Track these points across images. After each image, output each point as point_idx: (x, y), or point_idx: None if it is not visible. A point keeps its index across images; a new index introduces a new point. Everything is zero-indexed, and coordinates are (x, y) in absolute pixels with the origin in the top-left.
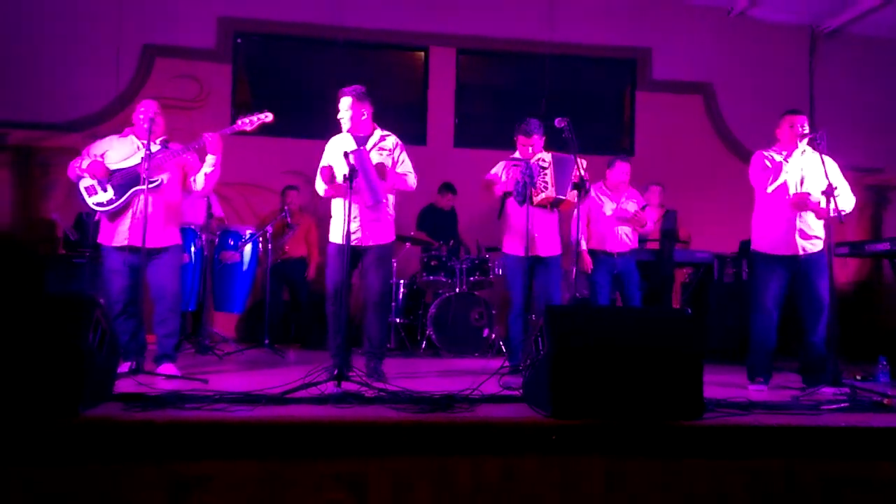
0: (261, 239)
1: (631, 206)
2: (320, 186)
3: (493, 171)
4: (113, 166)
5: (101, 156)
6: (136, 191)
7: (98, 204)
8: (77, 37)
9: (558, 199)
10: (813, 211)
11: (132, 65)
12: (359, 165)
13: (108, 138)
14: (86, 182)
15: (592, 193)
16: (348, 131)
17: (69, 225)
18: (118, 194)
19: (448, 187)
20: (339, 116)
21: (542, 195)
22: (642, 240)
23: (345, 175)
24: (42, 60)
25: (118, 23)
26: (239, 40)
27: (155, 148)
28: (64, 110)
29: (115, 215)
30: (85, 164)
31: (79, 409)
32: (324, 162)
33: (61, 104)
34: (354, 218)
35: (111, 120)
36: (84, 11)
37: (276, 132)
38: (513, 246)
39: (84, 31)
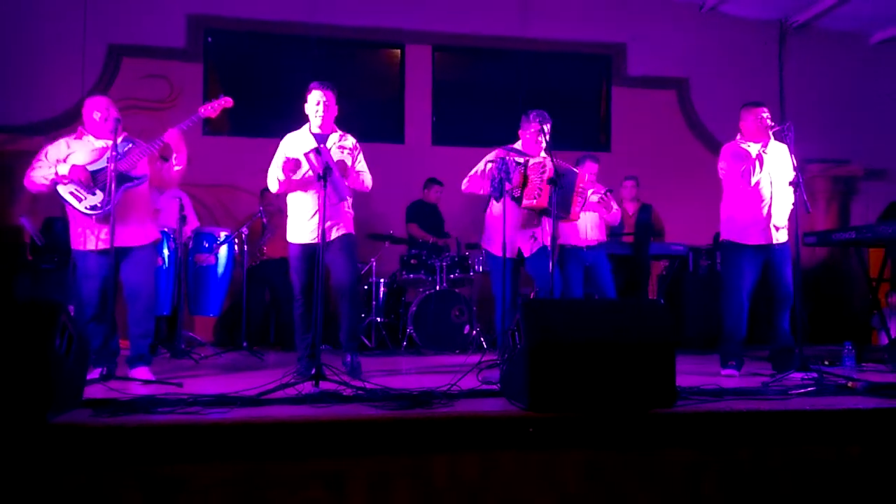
0: (237, 241)
1: (594, 198)
2: (276, 180)
3: (479, 165)
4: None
5: (65, 159)
6: (125, 188)
7: (92, 207)
8: (41, 37)
9: (551, 214)
10: None
11: (98, 65)
12: (323, 164)
13: (61, 141)
14: (68, 188)
15: None
16: (318, 127)
17: (37, 230)
18: (108, 195)
19: (434, 181)
20: (310, 110)
21: (533, 201)
22: (615, 234)
23: (318, 174)
24: (5, 62)
25: (83, 22)
26: (210, 39)
27: (124, 145)
28: (28, 113)
29: (104, 218)
30: (63, 169)
31: (47, 417)
32: (281, 155)
33: (25, 106)
34: (314, 215)
35: (77, 122)
36: (47, 11)
37: (250, 132)
38: (495, 245)
39: (48, 32)
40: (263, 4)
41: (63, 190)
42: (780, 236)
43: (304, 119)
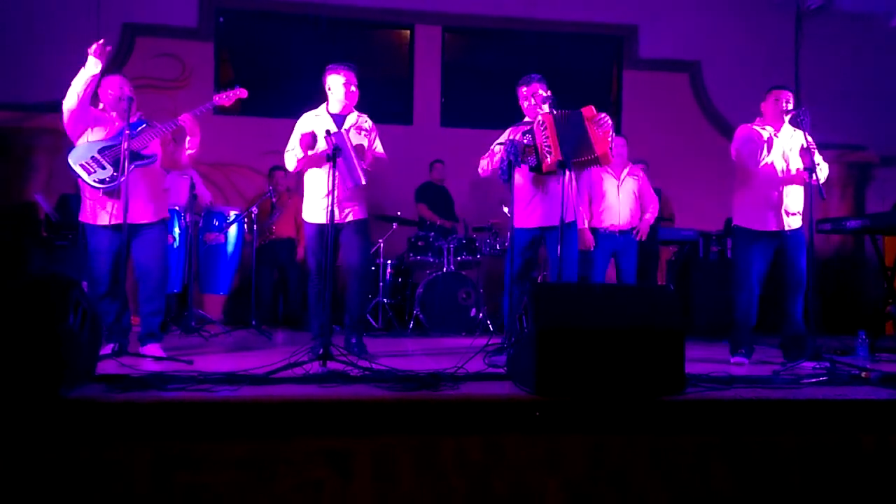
0: (246, 220)
1: (631, 185)
2: (293, 157)
3: (494, 145)
4: (96, 142)
5: (92, 122)
6: (136, 166)
7: (100, 181)
8: (56, 16)
9: (569, 161)
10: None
11: (112, 44)
12: (340, 146)
13: (81, 72)
14: (80, 159)
15: (592, 172)
16: (340, 110)
17: (51, 207)
18: (118, 170)
19: (435, 161)
20: (336, 91)
21: (548, 157)
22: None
23: (328, 154)
24: (20, 41)
25: (97, 1)
26: (221, 18)
27: (139, 124)
28: (44, 91)
29: (114, 192)
30: (91, 69)
31: (60, 392)
32: (298, 133)
33: (41, 85)
34: (329, 195)
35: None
36: None
37: (260, 112)
38: (514, 218)
39: (63, 11)
40: None
41: (73, 162)
42: (794, 222)
43: (314, 99)
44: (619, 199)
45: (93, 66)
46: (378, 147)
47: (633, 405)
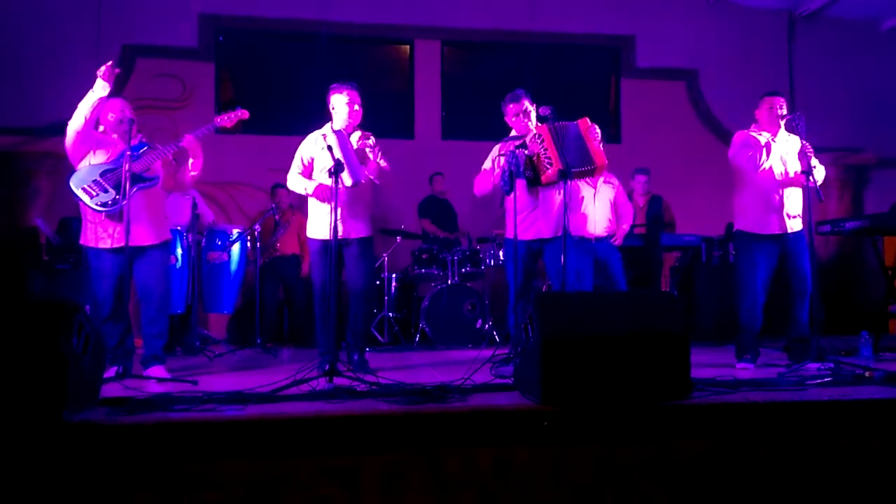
0: (249, 238)
1: (608, 193)
2: (300, 181)
3: (486, 163)
4: (98, 166)
5: (95, 143)
6: (139, 188)
7: (102, 204)
8: (56, 39)
9: (571, 171)
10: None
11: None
12: (340, 147)
13: (89, 95)
14: (81, 183)
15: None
16: (343, 126)
17: (52, 230)
18: (122, 194)
19: (435, 174)
20: (341, 110)
21: (549, 168)
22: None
23: (329, 170)
24: (21, 64)
25: (97, 23)
26: (221, 38)
27: (141, 146)
28: (44, 114)
29: (115, 216)
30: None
31: (63, 416)
32: (304, 156)
33: (41, 108)
34: (333, 210)
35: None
36: (63, 13)
37: (262, 130)
38: (510, 230)
39: (63, 33)
40: (274, 4)
41: (75, 186)
42: (795, 224)
43: (315, 116)
44: (595, 206)
45: (100, 88)
46: (382, 162)
47: (639, 411)
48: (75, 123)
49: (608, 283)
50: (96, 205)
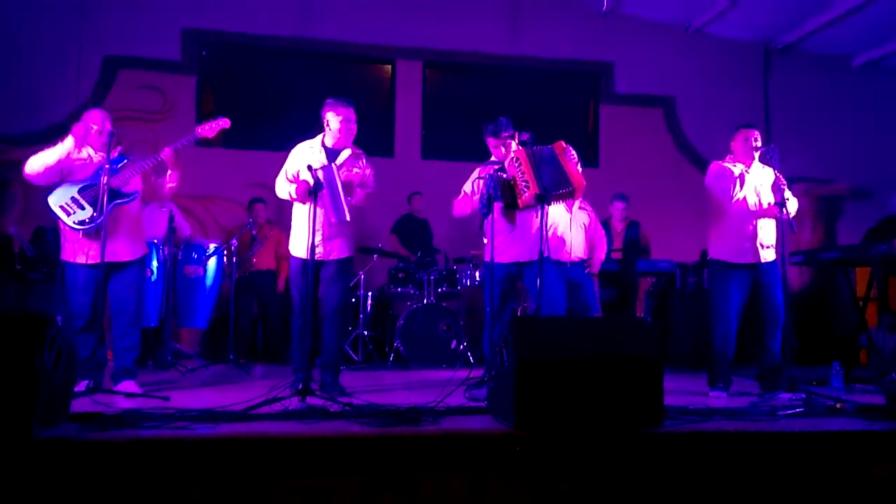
0: (226, 252)
1: (583, 217)
2: (285, 192)
3: (466, 186)
4: (75, 182)
5: (66, 161)
6: (115, 205)
7: (80, 223)
8: (37, 48)
9: (549, 194)
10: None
11: (93, 76)
12: (326, 182)
13: (59, 147)
14: (59, 201)
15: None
16: (334, 145)
17: (26, 240)
18: (98, 210)
19: (414, 193)
20: (336, 126)
21: (526, 192)
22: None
23: (309, 189)
24: (1, 72)
25: (79, 34)
26: (204, 52)
27: (120, 160)
28: (24, 123)
29: (92, 234)
30: (67, 145)
31: (32, 432)
32: (290, 168)
33: (18, 116)
34: (317, 231)
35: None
36: (45, 22)
37: (242, 144)
38: (487, 253)
39: (44, 42)
40: (257, 20)
41: (53, 203)
42: (768, 255)
43: (295, 132)
44: (571, 231)
45: (70, 144)
46: (369, 183)
47: (612, 438)
48: (33, 168)
49: (581, 308)
50: (73, 223)
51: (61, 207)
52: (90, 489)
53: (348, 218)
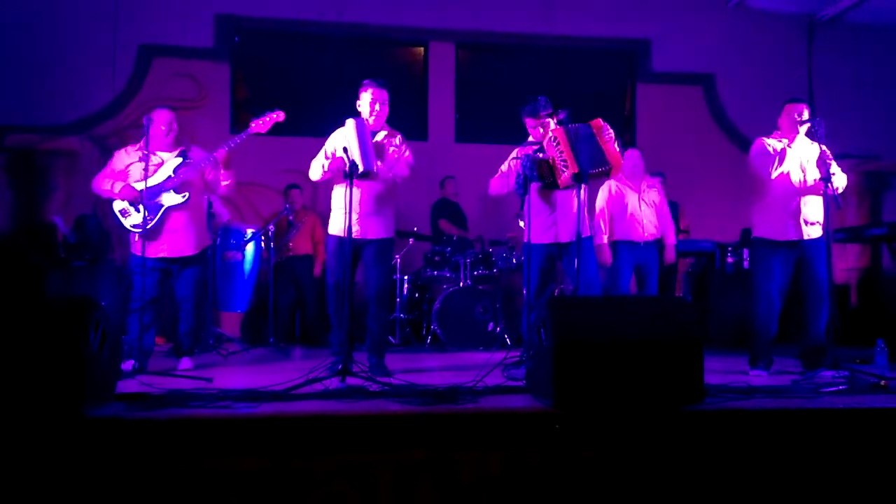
0: (263, 238)
1: (653, 195)
2: (319, 168)
3: (503, 166)
4: (138, 185)
5: (126, 171)
6: (169, 208)
7: (135, 226)
8: (73, 38)
9: (586, 173)
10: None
11: (129, 65)
12: (358, 133)
13: (125, 150)
14: (119, 205)
15: (612, 187)
16: (370, 127)
17: (69, 228)
18: (152, 213)
19: (447, 177)
20: (366, 108)
21: (565, 171)
22: None
23: (344, 171)
24: (38, 62)
25: (114, 23)
26: (237, 38)
27: (177, 161)
28: (61, 112)
29: (152, 234)
30: (117, 188)
31: (82, 411)
32: (327, 148)
33: (58, 106)
34: (354, 211)
35: (108, 121)
36: (80, 12)
37: (277, 131)
38: (526, 234)
39: (80, 32)
40: (290, 4)
41: (115, 205)
42: (812, 231)
43: (329, 116)
44: (642, 210)
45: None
46: (408, 157)
47: (652, 417)
48: (98, 188)
49: (640, 287)
50: (130, 226)
51: (121, 211)
52: (137, 465)
53: (375, 168)
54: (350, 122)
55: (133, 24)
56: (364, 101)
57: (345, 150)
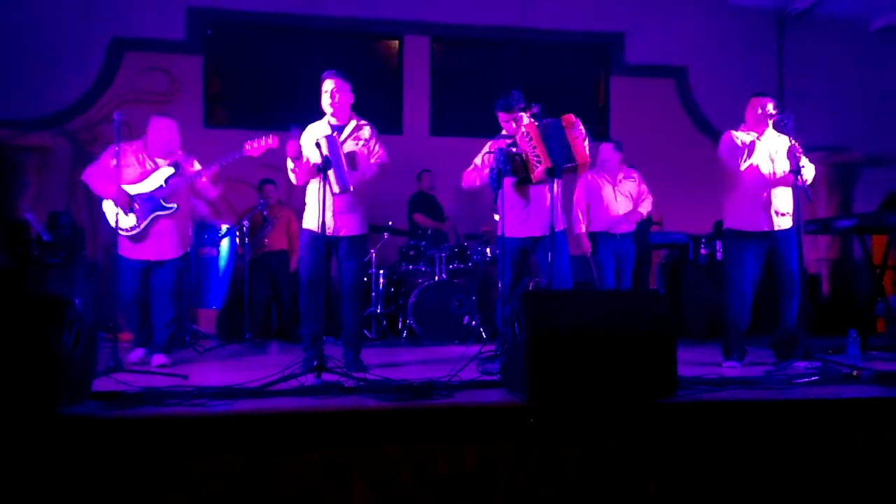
0: (238, 233)
1: (629, 186)
2: (291, 172)
3: (476, 159)
4: (130, 189)
5: (119, 170)
6: (156, 216)
7: (123, 229)
8: (43, 32)
9: (559, 168)
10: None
11: (100, 59)
12: (330, 152)
13: (121, 147)
14: (109, 206)
15: (589, 178)
16: (333, 117)
17: (42, 225)
18: (140, 219)
19: (423, 171)
20: (323, 100)
21: (538, 166)
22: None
23: (317, 165)
24: (7, 56)
25: (85, 16)
26: (209, 31)
27: (169, 171)
28: (31, 107)
29: (137, 238)
30: (110, 188)
31: (56, 409)
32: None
33: (29, 101)
34: (327, 208)
35: (80, 116)
36: (51, 5)
37: (249, 125)
38: (500, 227)
39: (50, 26)
40: None
41: (107, 207)
42: (783, 222)
43: (301, 111)
44: (617, 202)
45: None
46: (377, 158)
47: (626, 409)
48: (90, 181)
49: (617, 282)
50: (119, 228)
51: (112, 212)
52: (112, 463)
53: (351, 188)
54: (323, 141)
55: (104, 17)
56: (323, 93)
57: (316, 143)
